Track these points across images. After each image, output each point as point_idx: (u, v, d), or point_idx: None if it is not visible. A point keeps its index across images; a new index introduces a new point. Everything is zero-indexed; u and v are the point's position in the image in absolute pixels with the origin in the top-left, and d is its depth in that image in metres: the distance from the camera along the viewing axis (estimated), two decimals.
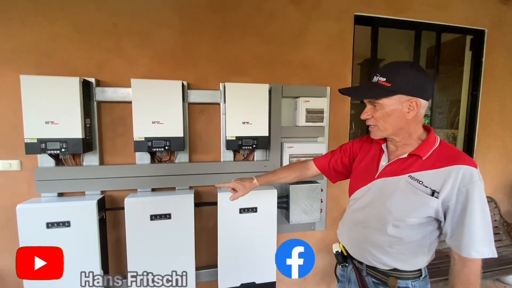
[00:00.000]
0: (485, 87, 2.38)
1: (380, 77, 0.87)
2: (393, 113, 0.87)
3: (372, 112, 0.91)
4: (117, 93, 1.55)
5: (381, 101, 0.88)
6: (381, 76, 0.88)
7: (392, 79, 0.86)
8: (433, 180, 0.84)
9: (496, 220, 2.39)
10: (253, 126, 1.65)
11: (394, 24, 2.14)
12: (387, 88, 0.86)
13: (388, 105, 0.87)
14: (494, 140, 2.48)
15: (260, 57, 1.80)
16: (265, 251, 1.69)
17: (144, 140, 1.48)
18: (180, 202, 1.55)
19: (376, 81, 0.89)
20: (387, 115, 0.88)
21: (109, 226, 1.65)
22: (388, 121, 0.89)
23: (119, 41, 1.59)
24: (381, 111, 0.89)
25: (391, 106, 0.87)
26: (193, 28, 1.68)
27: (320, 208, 1.94)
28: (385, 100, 0.87)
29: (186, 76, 1.68)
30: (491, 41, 2.33)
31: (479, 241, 0.79)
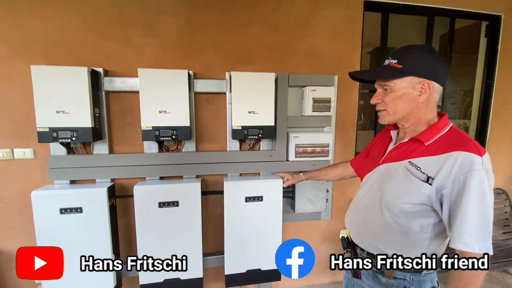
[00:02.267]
0: (500, 75, 2.29)
1: (392, 60, 0.87)
2: (404, 96, 0.86)
3: (382, 96, 0.90)
4: (124, 83, 1.57)
5: (391, 83, 0.86)
6: (392, 58, 0.87)
7: (403, 61, 0.85)
8: (430, 166, 0.81)
9: (507, 212, 2.35)
10: (259, 116, 1.65)
11: (406, 10, 2.07)
12: (398, 69, 0.85)
13: (399, 88, 0.86)
14: (508, 131, 2.40)
15: (266, 45, 1.78)
16: (271, 239, 1.72)
17: (152, 129, 1.50)
18: (188, 190, 1.58)
19: (387, 64, 0.88)
20: (397, 98, 0.87)
21: (119, 213, 1.71)
22: (398, 104, 0.87)
23: (125, 30, 1.60)
24: (391, 94, 0.87)
25: (402, 89, 0.86)
26: (199, 16, 1.67)
27: (326, 197, 1.94)
28: (396, 82, 0.86)
29: (192, 65, 1.68)
30: (507, 27, 2.23)
31: (470, 233, 0.74)
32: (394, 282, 0.94)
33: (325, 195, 1.92)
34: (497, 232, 2.29)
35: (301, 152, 1.80)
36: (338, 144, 1.98)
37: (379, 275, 0.97)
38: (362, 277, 1.04)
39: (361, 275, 1.04)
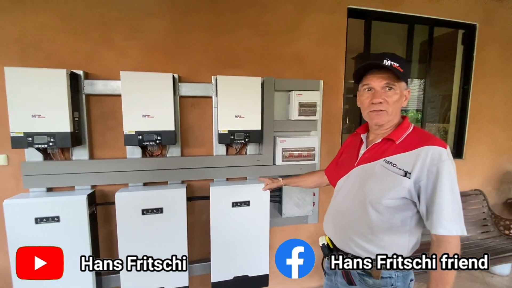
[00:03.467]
0: (476, 81, 2.41)
1: (392, 62, 0.89)
2: (400, 99, 0.93)
3: (385, 96, 0.92)
4: (106, 86, 1.52)
5: (397, 84, 0.91)
6: (392, 61, 0.89)
7: (402, 66, 0.89)
8: (405, 162, 0.87)
9: (485, 212, 2.45)
10: (246, 120, 1.63)
11: (387, 18, 2.14)
12: (401, 73, 0.89)
13: (400, 90, 0.92)
14: (484, 134, 2.52)
15: (253, 50, 1.78)
16: (258, 244, 1.70)
17: (135, 134, 1.45)
18: (172, 197, 1.54)
19: (390, 65, 0.88)
20: (397, 99, 0.92)
21: (100, 221, 1.64)
22: (396, 106, 0.93)
23: (108, 32, 1.55)
24: (395, 96, 0.92)
25: (401, 92, 0.92)
26: (185, 19, 1.65)
27: (313, 201, 1.95)
28: (400, 84, 0.91)
29: (177, 69, 1.65)
30: (482, 36, 2.35)
31: (448, 218, 0.80)
32: (381, 282, 0.95)
33: (312, 199, 1.93)
34: (476, 231, 2.37)
35: (288, 156, 1.80)
36: (324, 148, 2.00)
37: (366, 277, 0.98)
38: (346, 280, 1.04)
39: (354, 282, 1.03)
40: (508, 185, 2.69)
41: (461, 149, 2.50)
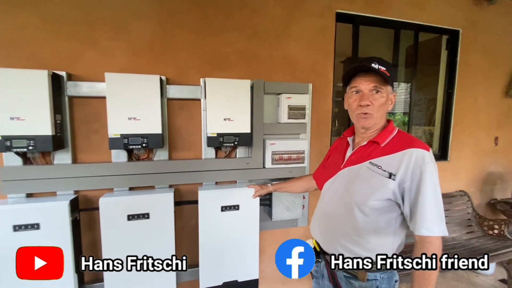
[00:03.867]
0: (459, 86, 2.48)
1: (380, 66, 0.90)
2: (386, 103, 0.95)
3: (372, 99, 0.93)
4: (90, 87, 1.47)
5: (385, 88, 0.93)
6: (379, 64, 0.90)
7: (389, 70, 0.91)
8: (390, 164, 0.89)
9: (469, 213, 2.51)
10: (235, 123, 1.62)
11: (375, 23, 2.18)
12: (388, 77, 0.91)
13: (387, 94, 0.94)
14: (467, 137, 2.59)
15: (242, 52, 1.77)
16: (248, 249, 1.68)
17: (120, 137, 1.41)
18: (159, 201, 1.50)
19: (378, 69, 0.90)
20: (384, 103, 0.94)
21: (84, 228, 1.58)
22: (382, 109, 0.94)
23: (93, 32, 1.51)
24: (382, 99, 0.93)
25: (386, 96, 0.94)
26: (173, 20, 1.62)
27: (303, 204, 1.95)
28: (387, 88, 0.93)
29: (165, 71, 1.62)
30: (465, 41, 2.43)
31: (431, 218, 0.82)
32: (367, 284, 0.96)
33: (301, 202, 1.92)
34: (461, 232, 2.43)
35: (278, 159, 1.80)
36: (314, 151, 2.00)
37: (352, 280, 0.99)
38: (332, 283, 1.04)
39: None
40: (491, 186, 2.78)
41: (446, 151, 2.57)
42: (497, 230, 2.35)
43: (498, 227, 2.35)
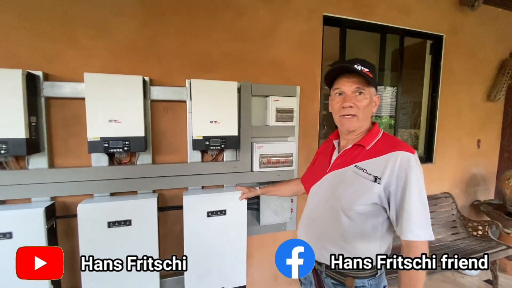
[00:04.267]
0: (443, 90, 2.53)
1: (363, 67, 0.89)
2: (370, 104, 0.93)
3: (355, 101, 0.91)
4: (69, 88, 1.40)
5: (367, 89, 0.91)
6: (362, 66, 0.89)
7: (372, 72, 0.90)
8: (375, 168, 0.87)
9: (454, 214, 2.55)
10: (222, 125, 1.58)
11: (361, 26, 2.20)
12: (371, 78, 0.89)
13: (370, 95, 0.92)
14: (451, 140, 2.65)
15: (229, 54, 1.74)
16: (235, 255, 1.63)
17: (100, 140, 1.35)
18: (142, 207, 1.44)
19: (360, 70, 0.89)
20: (367, 104, 0.92)
21: (61, 236, 1.49)
22: (366, 111, 0.93)
23: (72, 31, 1.44)
24: (365, 101, 0.91)
25: (370, 98, 0.92)
26: (157, 20, 1.58)
27: (291, 207, 1.92)
28: (370, 89, 0.92)
29: (149, 71, 1.57)
30: (448, 46, 2.49)
31: (417, 223, 0.81)
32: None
33: (289, 205, 1.90)
34: (446, 233, 2.46)
35: (266, 162, 1.77)
36: (302, 154, 1.99)
37: (339, 287, 0.97)
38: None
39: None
40: (474, 188, 2.84)
41: (431, 154, 2.61)
42: (481, 231, 2.40)
43: (482, 228, 2.40)
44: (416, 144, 2.83)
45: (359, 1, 2.08)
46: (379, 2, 2.15)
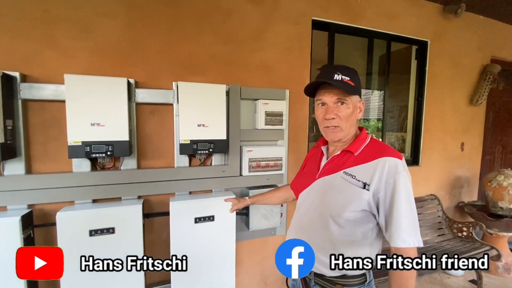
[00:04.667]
0: (428, 94, 2.59)
1: (343, 76, 0.88)
2: (354, 112, 0.92)
3: (337, 111, 0.90)
4: (48, 90, 1.34)
5: (349, 98, 0.90)
6: (343, 75, 0.88)
7: (353, 80, 0.89)
8: (364, 174, 0.87)
9: (440, 216, 2.60)
10: (210, 129, 1.55)
11: (349, 31, 2.22)
12: (352, 86, 0.89)
13: (353, 104, 0.91)
14: (437, 143, 2.70)
15: (217, 56, 1.71)
16: (224, 262, 1.60)
17: (81, 144, 1.29)
18: (126, 214, 1.39)
19: (341, 79, 0.88)
20: (351, 113, 0.91)
21: (40, 246, 1.41)
22: (349, 120, 0.91)
23: (52, 31, 1.38)
24: (347, 110, 0.90)
25: (353, 106, 0.91)
26: (143, 21, 1.53)
27: (281, 212, 1.90)
28: (352, 98, 0.90)
29: (134, 73, 1.52)
30: (433, 52, 2.55)
31: (406, 229, 0.81)
32: None
33: (279, 210, 1.88)
34: (433, 235, 2.50)
35: (255, 166, 1.75)
36: (291, 158, 1.98)
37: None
38: None
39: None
40: (459, 190, 2.91)
41: (417, 157, 2.66)
42: (466, 232, 2.45)
43: (466, 229, 2.45)
44: (403, 147, 2.88)
45: (347, 6, 2.11)
46: (367, 7, 2.18)
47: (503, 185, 2.46)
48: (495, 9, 2.61)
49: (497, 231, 2.49)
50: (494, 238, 2.54)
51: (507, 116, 3.30)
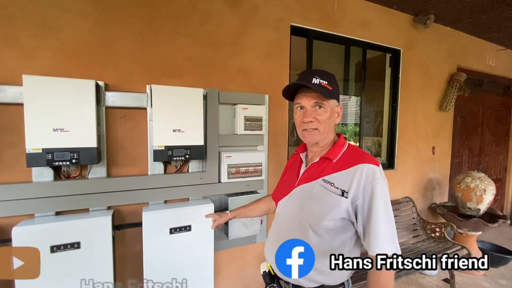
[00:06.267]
0: (401, 100, 2.69)
1: (321, 80, 0.88)
2: (331, 116, 0.92)
3: (315, 115, 0.90)
4: (4, 92, 1.22)
5: (327, 102, 0.90)
6: (321, 79, 0.88)
7: (331, 84, 0.90)
8: (342, 181, 0.86)
9: (414, 218, 2.69)
10: (186, 134, 1.49)
11: (327, 38, 2.26)
12: (330, 90, 0.89)
13: (331, 108, 0.91)
14: (410, 147, 2.81)
15: (194, 60, 1.66)
16: (201, 273, 1.52)
17: (42, 151, 1.17)
18: (93, 226, 1.28)
19: (318, 83, 0.88)
20: (328, 117, 0.91)
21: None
22: (327, 124, 0.91)
23: (11, 28, 1.27)
24: (325, 114, 0.90)
25: (331, 110, 0.91)
26: (114, 21, 1.45)
27: (261, 219, 1.86)
28: (330, 102, 0.90)
29: (104, 75, 1.43)
30: (405, 60, 2.66)
31: (383, 237, 0.80)
32: None
33: (259, 217, 1.83)
34: (408, 236, 2.58)
35: (234, 172, 1.70)
36: (272, 163, 1.95)
37: None
38: None
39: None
40: (431, 191, 3.04)
41: (393, 161, 2.74)
42: (438, 233, 2.55)
43: (439, 230, 2.55)
44: (379, 151, 2.96)
45: (325, 14, 2.14)
46: (343, 15, 2.23)
47: (470, 186, 2.60)
48: (461, 22, 2.78)
49: (466, 231, 2.61)
50: (464, 237, 2.66)
51: (472, 121, 3.52)
